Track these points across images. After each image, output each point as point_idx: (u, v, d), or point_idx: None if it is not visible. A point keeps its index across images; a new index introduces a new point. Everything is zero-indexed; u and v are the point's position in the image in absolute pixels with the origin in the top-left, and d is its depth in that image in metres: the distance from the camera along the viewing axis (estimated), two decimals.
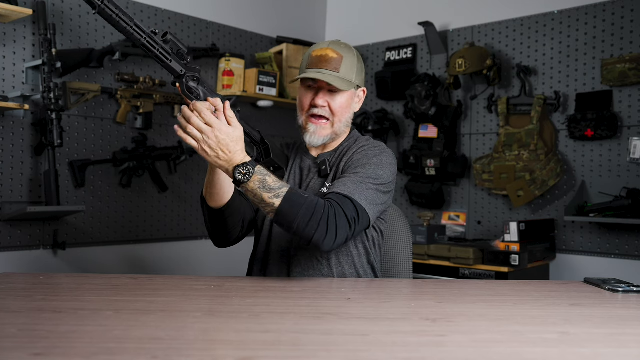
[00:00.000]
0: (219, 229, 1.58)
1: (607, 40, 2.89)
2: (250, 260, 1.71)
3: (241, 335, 0.95)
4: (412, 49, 3.54)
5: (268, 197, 1.34)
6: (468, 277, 2.76)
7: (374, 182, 1.50)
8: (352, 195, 1.44)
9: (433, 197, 3.32)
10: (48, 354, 0.82)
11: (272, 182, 1.35)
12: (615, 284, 1.44)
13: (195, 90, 1.37)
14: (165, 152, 3.01)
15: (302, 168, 1.68)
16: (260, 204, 1.36)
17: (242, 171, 1.33)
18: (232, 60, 3.21)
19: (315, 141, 1.61)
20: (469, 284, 1.63)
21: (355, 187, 1.46)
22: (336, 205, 1.40)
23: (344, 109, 1.60)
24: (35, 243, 2.63)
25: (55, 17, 2.68)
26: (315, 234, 1.36)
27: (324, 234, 1.36)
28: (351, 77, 1.59)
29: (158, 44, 1.30)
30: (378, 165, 1.54)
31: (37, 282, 1.43)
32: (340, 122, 1.61)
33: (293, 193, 1.36)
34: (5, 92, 2.53)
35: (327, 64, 1.56)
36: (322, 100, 1.58)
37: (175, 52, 1.35)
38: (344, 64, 1.57)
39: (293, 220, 1.35)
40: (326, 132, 1.61)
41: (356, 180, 1.48)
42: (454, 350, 0.90)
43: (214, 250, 3.26)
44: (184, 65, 1.35)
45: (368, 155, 1.56)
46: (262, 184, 1.34)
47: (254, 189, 1.34)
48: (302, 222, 1.35)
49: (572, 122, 2.91)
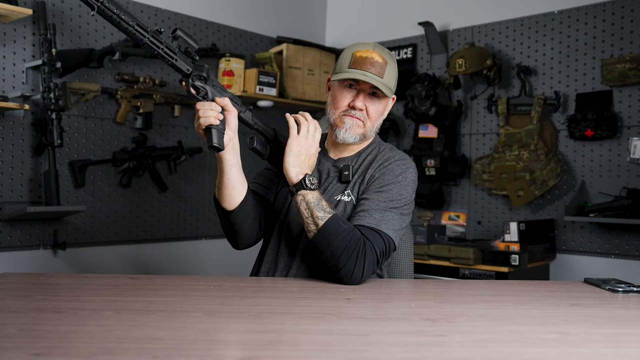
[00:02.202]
0: (236, 230, 1.55)
1: (607, 40, 2.89)
2: (258, 261, 1.69)
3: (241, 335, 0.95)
4: (412, 49, 3.54)
5: (317, 216, 1.39)
6: (468, 277, 2.76)
7: (397, 205, 1.50)
8: (379, 228, 1.45)
9: (433, 197, 3.32)
10: (48, 354, 0.82)
11: (325, 203, 1.42)
12: (615, 284, 1.43)
13: (202, 90, 1.35)
14: (165, 152, 3.01)
15: (320, 171, 1.64)
16: (308, 219, 1.41)
17: (313, 180, 1.42)
18: (232, 60, 3.21)
19: (348, 137, 1.56)
20: (469, 284, 1.63)
21: (381, 217, 1.46)
22: (367, 241, 1.41)
23: (379, 114, 1.58)
24: (35, 243, 2.63)
25: (55, 17, 2.68)
26: (346, 265, 1.38)
27: (352, 267, 1.38)
28: (392, 85, 1.56)
29: (163, 43, 1.27)
30: (402, 185, 1.52)
31: (37, 282, 1.43)
32: (372, 127, 1.59)
33: (338, 219, 1.40)
34: (5, 92, 2.53)
35: (372, 67, 1.51)
36: (361, 102, 1.54)
37: (184, 49, 1.31)
38: (388, 70, 1.53)
39: (330, 245, 1.38)
40: (360, 131, 1.57)
41: (381, 207, 1.47)
42: (454, 350, 0.90)
43: (214, 250, 3.28)
44: (190, 63, 1.32)
45: (394, 172, 1.54)
46: (318, 201, 1.41)
47: (309, 202, 1.40)
48: (337, 248, 1.37)
49: (572, 122, 2.91)
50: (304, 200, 1.41)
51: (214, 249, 3.28)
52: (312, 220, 1.40)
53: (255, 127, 1.53)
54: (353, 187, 1.57)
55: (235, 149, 1.45)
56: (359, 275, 1.39)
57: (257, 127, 1.53)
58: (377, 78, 1.51)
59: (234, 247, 1.63)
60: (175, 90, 3.11)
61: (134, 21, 1.22)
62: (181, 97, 3.08)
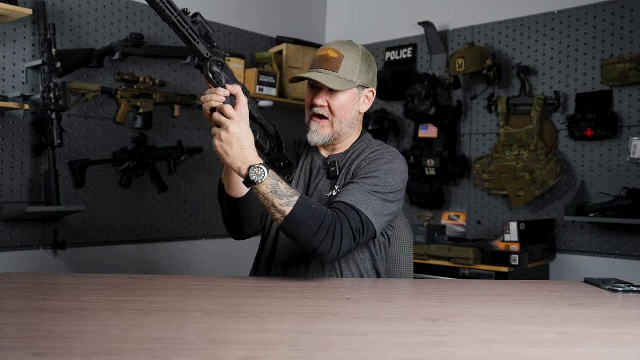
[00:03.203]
0: (238, 219, 1.56)
1: (607, 40, 2.88)
2: (255, 262, 1.70)
3: (241, 335, 0.95)
4: (412, 49, 3.54)
5: (279, 204, 1.33)
6: (468, 277, 2.76)
7: (383, 190, 1.49)
8: (358, 206, 1.43)
9: (433, 197, 3.32)
10: (48, 354, 0.82)
11: (284, 189, 1.34)
12: (615, 284, 1.43)
13: (217, 76, 1.34)
14: (165, 152, 3.01)
15: (312, 167, 1.67)
16: (270, 209, 1.34)
17: (257, 172, 1.30)
18: (232, 60, 3.21)
19: (316, 140, 1.60)
20: (469, 284, 1.63)
21: (362, 197, 1.45)
22: (342, 216, 1.40)
23: (343, 109, 1.58)
24: (35, 243, 2.63)
25: (55, 17, 2.68)
26: (321, 246, 1.36)
27: (329, 246, 1.37)
28: (352, 77, 1.57)
29: (188, 24, 1.26)
30: (388, 173, 1.53)
31: (37, 282, 1.43)
32: (340, 123, 1.59)
33: (304, 201, 1.36)
34: (5, 92, 2.53)
35: (326, 64, 1.56)
36: (321, 100, 1.57)
37: (203, 34, 1.31)
38: (344, 63, 1.56)
39: (301, 230, 1.35)
40: (326, 132, 1.60)
41: (364, 189, 1.47)
42: (454, 350, 0.90)
43: (214, 250, 3.28)
44: (209, 49, 1.32)
45: (380, 161, 1.55)
46: (274, 189, 1.32)
47: (265, 193, 1.32)
48: (309, 232, 1.35)
49: (572, 122, 2.91)
50: (259, 193, 1.33)
51: (214, 249, 3.28)
52: (275, 209, 1.33)
53: (259, 120, 1.54)
54: (343, 182, 1.59)
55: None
56: (334, 253, 1.38)
57: (260, 121, 1.55)
58: (330, 73, 1.55)
59: (234, 237, 1.64)
60: (175, 90, 3.11)
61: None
62: (181, 97, 3.08)
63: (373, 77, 1.64)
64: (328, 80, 1.54)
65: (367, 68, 1.61)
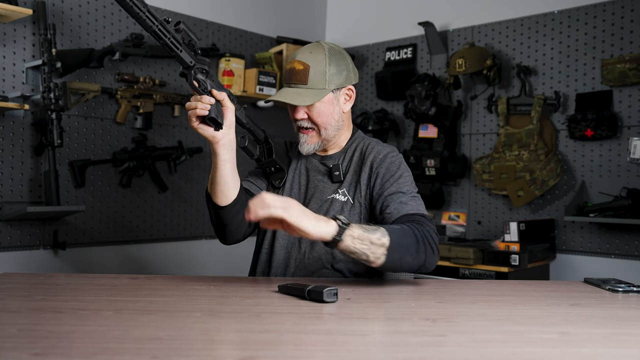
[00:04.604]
0: (225, 226, 1.56)
1: (607, 40, 2.89)
2: (253, 262, 1.70)
3: (241, 335, 0.95)
4: (412, 49, 3.54)
5: (377, 238, 1.29)
6: (468, 277, 2.76)
7: (415, 190, 1.55)
8: (419, 212, 1.47)
9: (433, 197, 3.32)
10: (48, 354, 0.82)
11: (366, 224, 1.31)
12: (615, 284, 1.43)
13: (202, 83, 1.35)
14: (165, 152, 3.01)
15: (307, 168, 1.67)
16: (369, 250, 1.28)
17: (341, 217, 1.27)
18: (232, 60, 3.21)
19: (307, 150, 1.62)
20: (469, 284, 1.63)
21: (414, 204, 1.49)
22: (419, 226, 1.40)
23: (324, 116, 1.58)
24: (35, 243, 2.63)
25: (55, 17, 2.68)
26: (426, 260, 1.38)
27: (432, 254, 1.38)
28: (322, 84, 1.55)
29: (170, 33, 1.28)
30: (406, 171, 1.57)
31: (37, 282, 1.43)
32: (326, 129, 1.59)
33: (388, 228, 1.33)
34: (5, 92, 2.53)
35: (295, 77, 1.55)
36: (300, 113, 1.58)
37: (187, 42, 1.32)
38: (311, 73, 1.54)
39: (404, 254, 1.33)
40: (314, 141, 1.61)
41: (410, 195, 1.51)
42: (454, 350, 0.90)
43: (214, 250, 3.28)
44: (193, 56, 1.33)
45: (394, 163, 1.57)
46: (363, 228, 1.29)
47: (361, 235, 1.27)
48: (411, 252, 1.34)
49: (572, 122, 2.91)
50: (354, 238, 1.27)
51: (214, 249, 3.28)
52: (376, 247, 1.29)
53: (247, 126, 1.55)
54: (349, 188, 1.59)
55: (231, 145, 1.45)
56: (437, 259, 1.41)
57: (249, 126, 1.56)
58: (299, 87, 1.55)
59: (222, 242, 1.64)
60: (175, 90, 3.11)
61: (144, 7, 1.23)
62: (181, 97, 3.08)
63: (347, 74, 1.59)
64: (298, 98, 1.53)
65: (338, 69, 1.57)
